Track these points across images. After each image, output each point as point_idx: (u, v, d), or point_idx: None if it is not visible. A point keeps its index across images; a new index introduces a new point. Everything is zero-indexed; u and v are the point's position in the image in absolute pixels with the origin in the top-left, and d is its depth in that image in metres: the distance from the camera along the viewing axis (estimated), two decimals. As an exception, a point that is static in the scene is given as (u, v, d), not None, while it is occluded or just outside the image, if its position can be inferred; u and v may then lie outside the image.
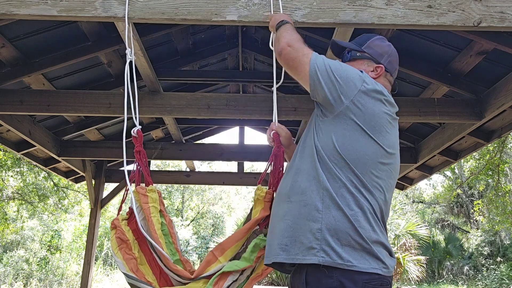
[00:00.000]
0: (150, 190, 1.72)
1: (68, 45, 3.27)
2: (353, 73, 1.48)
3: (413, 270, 12.49)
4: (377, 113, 1.44)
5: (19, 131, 3.80)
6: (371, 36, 1.70)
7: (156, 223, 1.67)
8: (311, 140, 1.49)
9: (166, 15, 1.84)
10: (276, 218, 1.49)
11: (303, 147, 1.53)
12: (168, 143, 5.26)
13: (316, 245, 1.31)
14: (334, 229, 1.32)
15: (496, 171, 8.75)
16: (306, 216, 1.36)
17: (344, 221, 1.32)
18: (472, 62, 3.13)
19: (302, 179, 1.44)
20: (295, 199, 1.43)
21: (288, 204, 1.44)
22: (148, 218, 1.66)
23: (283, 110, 3.53)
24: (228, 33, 4.19)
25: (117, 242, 1.63)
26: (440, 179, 19.35)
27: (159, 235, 1.65)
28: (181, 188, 20.31)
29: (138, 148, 1.77)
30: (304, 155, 1.50)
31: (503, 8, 1.83)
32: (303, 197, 1.40)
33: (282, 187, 1.54)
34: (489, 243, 16.54)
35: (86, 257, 5.41)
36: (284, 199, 1.47)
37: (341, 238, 1.31)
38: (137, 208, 1.68)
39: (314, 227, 1.33)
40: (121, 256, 1.61)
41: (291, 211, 1.42)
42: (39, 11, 1.84)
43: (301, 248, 1.34)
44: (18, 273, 12.62)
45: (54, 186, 10.69)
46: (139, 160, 1.77)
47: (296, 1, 1.85)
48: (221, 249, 1.64)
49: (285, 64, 1.58)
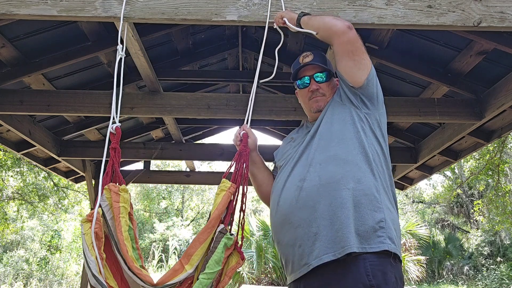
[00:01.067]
0: (123, 190, 1.64)
1: (68, 45, 3.27)
2: None
3: (413, 270, 12.49)
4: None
5: (19, 131, 3.80)
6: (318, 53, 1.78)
7: (124, 224, 1.57)
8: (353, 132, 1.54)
9: (166, 15, 1.84)
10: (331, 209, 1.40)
11: (340, 137, 1.53)
12: (168, 143, 5.26)
13: (382, 233, 1.36)
14: (392, 220, 1.42)
15: (496, 171, 8.75)
16: (368, 206, 1.40)
17: (395, 213, 1.47)
18: (472, 62, 3.13)
19: (353, 168, 1.46)
20: (352, 186, 1.42)
21: (346, 192, 1.41)
22: (117, 218, 1.57)
23: (283, 110, 3.53)
24: (228, 33, 4.19)
25: (93, 236, 1.50)
26: (440, 179, 19.36)
27: (125, 237, 1.55)
28: (181, 188, 20.32)
29: (114, 145, 1.74)
30: (346, 146, 1.51)
31: (503, 8, 1.83)
32: (361, 186, 1.42)
33: (325, 176, 1.46)
34: (489, 243, 16.54)
35: (86, 257, 5.40)
36: (337, 187, 1.42)
37: (397, 230, 1.44)
38: (106, 207, 1.59)
39: (378, 216, 1.39)
40: (95, 254, 1.49)
41: (352, 199, 1.40)
42: (39, 11, 1.84)
43: (365, 236, 1.36)
44: (18, 273, 12.63)
45: (54, 186, 10.69)
46: (114, 157, 1.72)
47: (296, 1, 1.85)
48: (187, 256, 1.52)
49: (354, 42, 1.56)
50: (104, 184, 1.65)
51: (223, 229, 1.54)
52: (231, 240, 1.52)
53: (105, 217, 1.58)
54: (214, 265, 1.48)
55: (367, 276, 1.29)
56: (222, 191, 1.63)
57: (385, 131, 1.61)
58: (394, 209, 1.48)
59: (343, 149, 1.50)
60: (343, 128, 1.55)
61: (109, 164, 1.71)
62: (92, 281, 1.46)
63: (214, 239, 1.53)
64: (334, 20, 1.63)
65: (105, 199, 1.61)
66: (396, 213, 1.49)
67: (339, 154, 1.49)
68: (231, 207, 1.63)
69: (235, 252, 1.56)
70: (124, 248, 1.52)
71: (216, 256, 1.49)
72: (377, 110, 1.60)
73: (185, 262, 1.51)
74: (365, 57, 1.58)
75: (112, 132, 1.75)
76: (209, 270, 1.47)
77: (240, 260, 1.56)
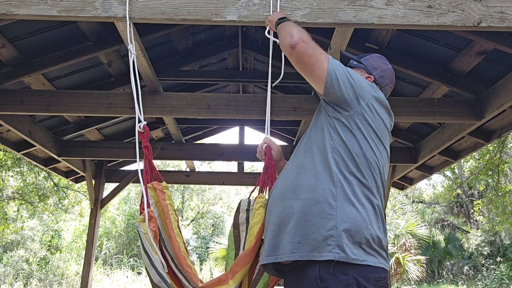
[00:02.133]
0: (165, 187, 1.66)
1: (68, 45, 3.27)
2: (366, 81, 1.63)
3: (413, 270, 12.49)
4: (384, 121, 1.57)
5: (19, 131, 3.80)
6: (373, 53, 1.86)
7: (174, 221, 1.59)
8: (320, 138, 1.53)
9: (166, 15, 1.84)
10: (285, 215, 1.46)
11: (309, 145, 1.56)
12: (168, 143, 5.26)
13: (331, 242, 1.34)
14: (348, 226, 1.36)
15: (496, 171, 8.75)
16: (319, 214, 1.39)
17: (358, 218, 1.38)
18: (472, 62, 3.13)
19: (309, 177, 1.46)
20: (304, 196, 1.43)
21: (296, 202, 1.44)
22: (167, 215, 1.58)
23: (283, 110, 3.53)
24: (228, 33, 4.20)
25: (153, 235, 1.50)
26: (440, 179, 19.35)
27: (177, 234, 1.57)
28: (181, 188, 20.31)
29: (146, 143, 1.73)
30: (311, 153, 1.52)
31: (503, 8, 1.83)
32: (313, 195, 1.42)
33: (284, 185, 1.53)
34: (489, 243, 16.54)
35: (86, 257, 5.41)
36: (290, 196, 1.47)
37: (354, 235, 1.36)
38: (152, 205, 1.59)
39: (328, 224, 1.37)
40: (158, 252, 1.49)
41: (301, 209, 1.42)
42: (39, 11, 1.84)
43: (315, 245, 1.36)
44: (18, 273, 12.62)
45: (54, 186, 10.69)
46: (148, 155, 1.72)
47: (296, 1, 1.85)
48: (233, 272, 1.57)
49: (299, 59, 1.56)
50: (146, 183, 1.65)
51: None
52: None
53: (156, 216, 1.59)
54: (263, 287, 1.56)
55: (315, 280, 1.34)
56: (262, 208, 1.65)
57: (376, 128, 1.51)
58: (364, 213, 1.39)
59: (308, 157, 1.52)
60: (313, 135, 1.58)
61: (145, 162, 1.71)
62: (155, 279, 1.47)
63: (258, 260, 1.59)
64: (285, 37, 1.61)
65: (151, 197, 1.62)
66: (370, 216, 1.40)
67: (303, 163, 1.52)
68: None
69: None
70: (176, 245, 1.54)
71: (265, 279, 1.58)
72: (355, 109, 1.50)
73: (230, 277, 1.56)
74: (316, 67, 1.53)
75: (140, 131, 1.75)
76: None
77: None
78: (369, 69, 1.76)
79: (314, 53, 1.55)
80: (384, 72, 1.77)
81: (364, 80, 1.61)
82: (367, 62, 1.78)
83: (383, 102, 1.60)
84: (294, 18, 1.83)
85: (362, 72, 1.75)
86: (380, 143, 1.52)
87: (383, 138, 1.54)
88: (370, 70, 1.76)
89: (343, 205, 1.38)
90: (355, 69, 1.76)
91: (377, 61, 1.79)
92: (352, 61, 1.79)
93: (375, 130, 1.51)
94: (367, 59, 1.80)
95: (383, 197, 1.53)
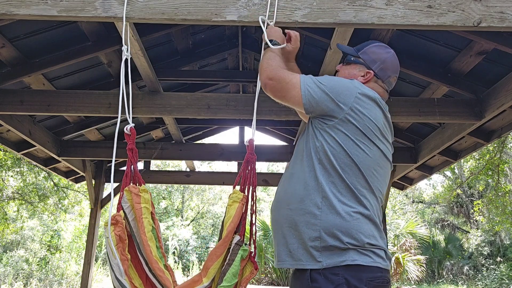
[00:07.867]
0: (143, 190, 1.65)
1: (68, 45, 3.27)
2: (345, 82, 1.57)
3: (413, 270, 12.50)
4: (372, 118, 1.52)
5: (19, 131, 3.80)
6: (371, 43, 1.77)
7: (147, 225, 1.59)
8: (307, 146, 1.55)
9: (166, 15, 1.84)
10: (279, 224, 1.53)
11: (300, 153, 1.58)
12: (168, 143, 5.26)
13: (316, 252, 1.39)
14: (332, 232, 1.39)
15: (496, 171, 8.75)
16: (305, 224, 1.43)
17: (342, 224, 1.39)
18: (472, 62, 3.13)
19: (299, 187, 1.49)
20: (294, 207, 1.48)
21: (288, 212, 1.50)
22: (139, 219, 1.58)
23: (283, 110, 3.53)
24: (228, 33, 4.20)
25: (116, 239, 1.52)
26: (440, 179, 19.35)
27: (149, 238, 1.57)
28: (181, 188, 20.30)
29: (131, 146, 1.72)
30: (301, 162, 1.55)
31: (503, 8, 1.83)
32: (301, 206, 1.46)
33: (282, 193, 1.58)
34: (489, 243, 16.54)
35: (86, 257, 5.41)
36: (284, 206, 1.53)
37: (342, 239, 1.37)
38: (128, 208, 1.61)
39: (313, 235, 1.41)
40: (118, 256, 1.51)
41: (292, 219, 1.48)
42: (39, 11, 1.84)
43: (304, 254, 1.41)
44: (18, 273, 12.62)
45: (54, 186, 10.69)
46: (132, 158, 1.71)
47: (296, 1, 1.85)
48: (205, 269, 1.56)
49: (273, 96, 1.62)
50: (125, 186, 1.65)
51: (239, 241, 1.60)
52: (247, 251, 1.59)
53: (127, 218, 1.60)
54: (232, 278, 1.54)
55: (307, 281, 1.38)
56: (235, 203, 1.66)
57: (363, 129, 1.49)
58: (349, 217, 1.38)
59: (298, 167, 1.55)
60: (303, 145, 1.58)
61: (127, 165, 1.71)
62: (115, 284, 1.49)
63: (231, 252, 1.59)
64: (260, 72, 1.66)
65: (127, 201, 1.62)
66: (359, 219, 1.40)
67: (295, 172, 1.55)
68: (244, 217, 1.67)
69: (249, 262, 1.62)
70: (148, 249, 1.55)
71: (233, 269, 1.55)
72: (339, 116, 1.49)
73: (203, 275, 1.56)
74: (291, 96, 1.56)
75: (127, 133, 1.74)
76: (226, 283, 1.52)
77: (254, 270, 1.61)
78: (367, 63, 1.70)
79: (281, 85, 1.57)
80: (384, 64, 1.70)
81: (341, 83, 1.55)
82: (366, 56, 1.71)
83: (370, 95, 1.54)
84: (294, 18, 1.83)
85: (361, 68, 1.70)
86: (371, 142, 1.49)
87: (373, 137, 1.50)
88: (369, 64, 1.69)
89: (326, 215, 1.41)
90: (354, 65, 1.71)
91: (376, 52, 1.71)
92: (350, 57, 1.74)
93: (362, 131, 1.49)
94: (365, 51, 1.72)
95: (381, 196, 1.52)
